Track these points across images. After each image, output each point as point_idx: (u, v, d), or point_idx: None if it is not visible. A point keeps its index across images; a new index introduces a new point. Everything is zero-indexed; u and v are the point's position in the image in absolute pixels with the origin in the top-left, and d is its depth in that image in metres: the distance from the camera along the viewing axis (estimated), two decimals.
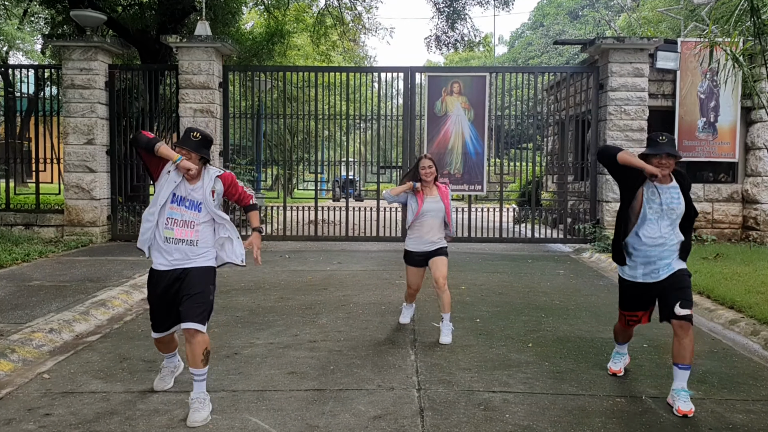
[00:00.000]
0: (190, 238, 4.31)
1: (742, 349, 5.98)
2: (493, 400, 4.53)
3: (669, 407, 4.45)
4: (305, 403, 4.45)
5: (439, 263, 6.09)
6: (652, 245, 4.54)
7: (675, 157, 4.45)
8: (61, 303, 7.12)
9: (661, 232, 4.52)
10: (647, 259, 4.57)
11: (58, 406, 4.43)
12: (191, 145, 4.31)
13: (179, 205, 4.31)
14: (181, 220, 4.31)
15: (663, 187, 4.53)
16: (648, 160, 4.47)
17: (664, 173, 4.46)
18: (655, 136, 4.51)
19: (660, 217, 4.52)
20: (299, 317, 6.90)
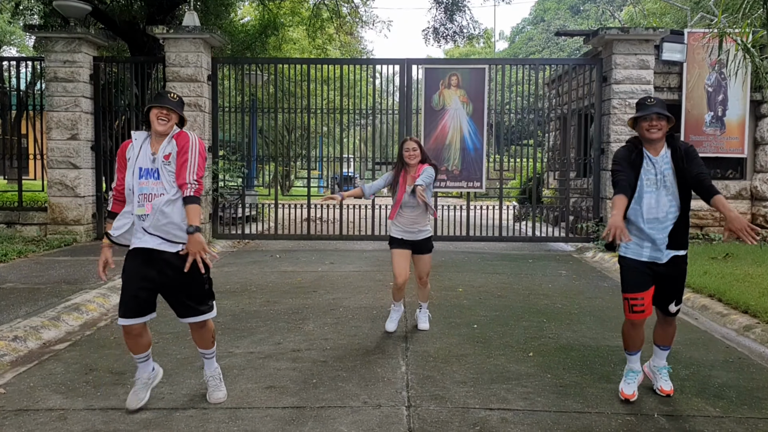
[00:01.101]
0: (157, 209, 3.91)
1: (760, 359, 5.54)
2: (490, 420, 4.09)
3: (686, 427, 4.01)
4: (282, 423, 4.01)
5: (423, 261, 5.97)
6: (652, 219, 4.25)
7: (666, 118, 4.22)
8: (32, 307, 6.69)
9: (660, 205, 4.24)
10: (652, 235, 4.26)
11: (8, 427, 3.99)
12: (171, 104, 4.01)
13: (146, 178, 3.93)
14: (150, 194, 3.93)
15: (656, 157, 4.27)
16: (637, 124, 4.29)
17: (656, 136, 4.23)
18: (643, 100, 4.33)
19: (657, 188, 4.25)
20: (284, 323, 6.46)
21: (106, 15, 13.73)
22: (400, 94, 12.36)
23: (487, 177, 12.36)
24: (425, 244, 5.91)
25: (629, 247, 4.36)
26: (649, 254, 4.30)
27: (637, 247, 4.33)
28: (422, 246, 5.91)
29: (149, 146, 4.01)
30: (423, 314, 6.23)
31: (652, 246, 4.28)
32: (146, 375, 4.29)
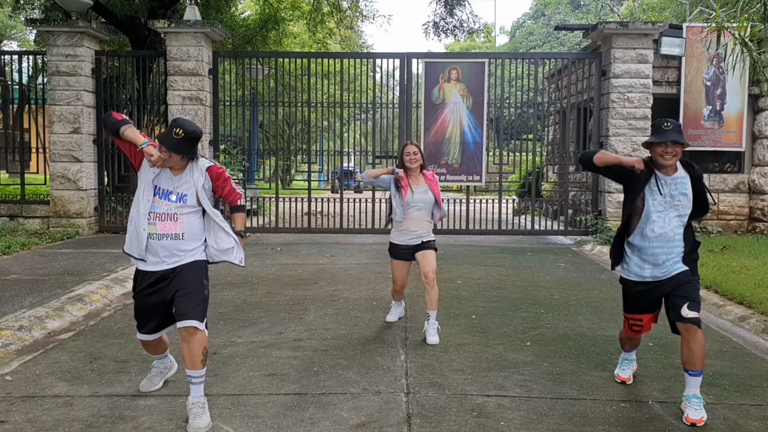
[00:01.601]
0: (175, 232, 3.90)
1: (754, 348, 5.63)
2: (487, 406, 4.18)
3: (679, 413, 4.10)
4: (283, 409, 4.10)
5: (428, 256, 5.69)
6: (659, 241, 4.16)
7: (681, 144, 4.07)
8: (36, 298, 6.77)
9: (668, 227, 4.15)
10: (655, 258, 4.19)
11: (15, 412, 4.08)
12: (170, 144, 3.82)
13: (162, 198, 3.91)
14: (164, 213, 3.90)
15: (667, 178, 4.15)
16: (652, 149, 4.13)
17: (670, 162, 4.09)
18: (660, 123, 4.14)
19: (665, 209, 4.15)
20: (285, 313, 6.55)
21: (108, 9, 13.79)
22: (401, 88, 12.43)
23: (486, 171, 12.44)
24: (428, 244, 5.76)
25: (631, 269, 4.32)
26: (650, 273, 4.22)
27: (638, 268, 4.27)
28: (426, 245, 5.74)
29: (168, 169, 3.96)
30: (432, 326, 5.65)
31: (653, 267, 4.21)
32: (164, 365, 4.49)
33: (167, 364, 4.51)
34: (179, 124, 3.85)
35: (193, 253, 4.01)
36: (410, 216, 5.70)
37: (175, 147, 3.82)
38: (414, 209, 5.68)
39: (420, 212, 5.70)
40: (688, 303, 4.07)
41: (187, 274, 3.97)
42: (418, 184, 5.71)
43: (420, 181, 5.72)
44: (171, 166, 3.95)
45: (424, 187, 5.70)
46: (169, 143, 3.82)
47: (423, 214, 5.72)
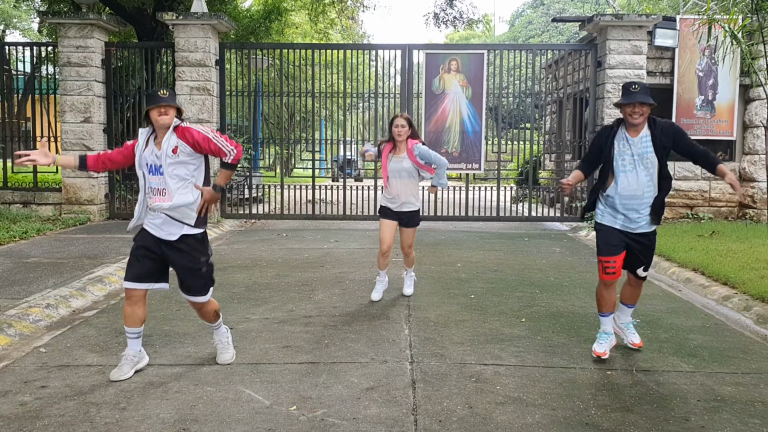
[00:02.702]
0: (163, 203, 4.29)
1: (735, 324, 6.02)
2: (484, 373, 4.58)
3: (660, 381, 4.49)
4: (299, 375, 4.50)
5: (408, 232, 6.47)
6: (629, 196, 4.70)
7: (648, 104, 4.58)
8: (59, 279, 7.16)
9: (638, 183, 4.67)
10: (626, 211, 4.74)
11: (54, 378, 4.47)
12: (165, 100, 4.25)
13: (152, 174, 4.32)
14: (156, 188, 4.32)
15: (634, 138, 4.67)
16: (622, 109, 4.69)
17: (638, 121, 4.62)
18: (628, 85, 4.68)
19: (634, 167, 4.66)
20: (295, 293, 6.94)
21: (115, 1, 14.09)
22: (402, 78, 12.77)
23: (485, 159, 12.81)
24: (411, 218, 6.40)
25: (605, 216, 4.88)
26: (621, 224, 4.80)
27: (611, 218, 4.84)
28: (408, 219, 6.41)
29: (154, 145, 4.33)
30: (408, 278, 6.81)
31: (624, 218, 4.78)
32: (132, 352, 4.52)
33: (137, 352, 4.54)
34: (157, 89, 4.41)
35: (189, 225, 4.34)
36: (392, 183, 6.27)
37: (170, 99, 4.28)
38: (394, 177, 6.24)
39: (401, 180, 6.23)
40: (644, 266, 4.93)
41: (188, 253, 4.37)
42: (399, 154, 6.17)
43: (401, 151, 6.18)
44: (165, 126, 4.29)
45: (402, 156, 6.20)
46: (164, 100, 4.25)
47: (404, 182, 6.24)
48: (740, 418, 3.88)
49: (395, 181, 6.28)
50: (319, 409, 3.94)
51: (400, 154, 6.24)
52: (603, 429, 3.71)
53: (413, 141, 6.28)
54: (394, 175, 6.26)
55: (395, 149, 6.32)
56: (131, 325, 4.47)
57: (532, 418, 3.84)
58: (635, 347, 5.06)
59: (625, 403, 4.10)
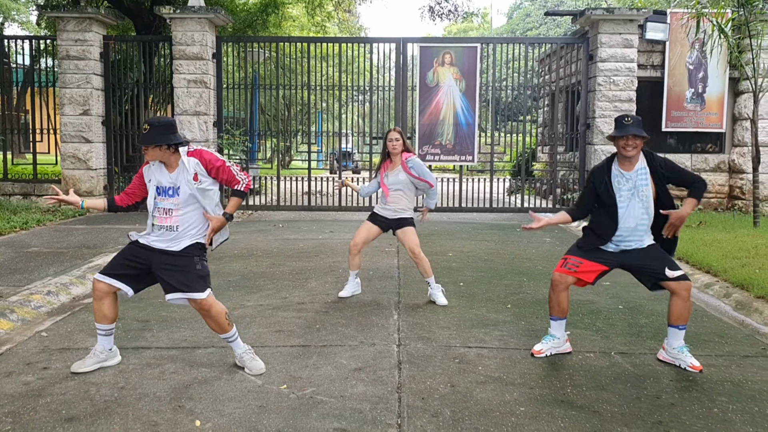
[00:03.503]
0: (170, 224, 4.32)
1: (714, 311, 6.22)
2: (468, 355, 4.78)
3: (636, 362, 4.70)
4: (290, 357, 4.70)
5: (408, 233, 6.27)
6: (625, 229, 4.60)
7: (641, 137, 4.50)
8: (59, 268, 7.35)
9: (633, 216, 4.58)
10: (619, 240, 4.64)
11: (55, 360, 4.67)
12: (144, 140, 4.23)
13: (161, 195, 4.35)
14: (163, 208, 4.34)
15: (629, 173, 4.60)
16: (615, 142, 4.58)
17: (632, 153, 4.52)
18: (621, 118, 4.57)
19: (630, 201, 4.57)
20: (289, 282, 7.14)
21: None
22: (396, 71, 12.94)
23: (478, 151, 13.00)
24: (405, 221, 6.32)
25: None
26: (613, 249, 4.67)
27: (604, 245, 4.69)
28: (402, 222, 6.31)
29: (164, 168, 4.37)
30: (436, 289, 6.31)
31: (614, 247, 4.67)
32: (101, 348, 4.52)
33: (105, 350, 4.53)
34: (145, 121, 4.31)
35: (182, 240, 4.37)
36: (389, 196, 6.31)
37: (146, 139, 4.21)
38: (392, 190, 6.29)
39: (398, 191, 6.28)
40: (668, 264, 4.55)
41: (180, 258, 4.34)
42: (394, 168, 6.28)
43: (396, 165, 6.28)
44: (160, 160, 4.33)
45: (397, 169, 6.27)
46: (143, 140, 4.24)
47: (401, 194, 6.29)
48: (709, 396, 4.08)
49: (393, 194, 6.32)
50: (309, 387, 4.14)
51: (395, 167, 6.34)
52: (577, 406, 3.91)
53: (407, 154, 6.41)
54: (392, 188, 6.32)
55: (391, 164, 6.42)
56: (99, 321, 4.48)
57: (510, 396, 4.04)
58: (696, 370, 4.52)
59: (600, 382, 4.30)
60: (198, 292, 4.31)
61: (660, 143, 12.48)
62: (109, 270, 4.44)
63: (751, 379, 4.40)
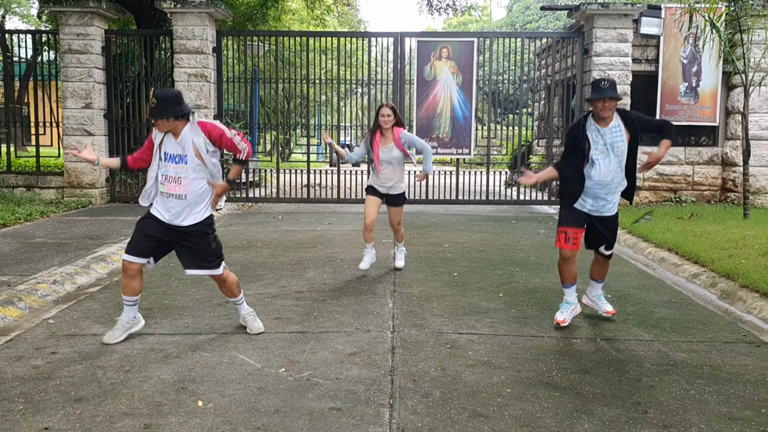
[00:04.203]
0: (179, 193, 4.62)
1: (699, 299, 6.42)
2: (459, 340, 4.98)
3: (620, 347, 4.90)
4: (288, 343, 4.90)
5: (394, 211, 6.93)
6: (601, 183, 5.08)
7: (615, 99, 4.98)
8: (63, 258, 7.55)
9: (610, 170, 5.06)
10: (595, 195, 5.13)
11: (63, 345, 4.87)
12: (153, 114, 4.53)
13: (168, 161, 4.63)
14: (171, 176, 4.63)
15: (605, 129, 5.05)
16: (593, 104, 5.05)
17: (607, 114, 5.01)
18: (598, 82, 5.05)
19: (606, 155, 5.05)
20: (288, 271, 7.34)
21: None
22: (394, 65, 13.11)
23: (475, 144, 13.18)
24: (397, 198, 6.90)
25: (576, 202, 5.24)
26: (589, 208, 5.20)
27: (580, 202, 5.21)
28: (395, 199, 6.91)
29: (171, 134, 4.63)
30: (399, 252, 7.29)
31: (593, 202, 5.18)
32: (127, 318, 4.89)
33: (131, 318, 4.91)
34: (153, 95, 4.66)
35: (196, 213, 4.69)
36: (383, 170, 6.76)
37: (155, 113, 4.53)
38: (383, 166, 6.73)
39: (390, 166, 6.75)
40: (606, 245, 5.38)
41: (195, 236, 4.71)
42: (386, 144, 6.63)
43: (388, 141, 6.62)
44: (170, 131, 4.61)
45: (390, 146, 6.68)
46: (152, 114, 4.56)
47: (393, 168, 6.77)
48: (687, 379, 4.28)
49: (386, 168, 6.74)
50: (306, 371, 4.34)
51: (388, 144, 6.65)
52: (561, 388, 4.11)
53: (399, 129, 6.69)
54: (385, 163, 6.69)
55: (383, 138, 6.70)
56: (128, 294, 4.84)
57: (497, 378, 4.24)
58: (609, 315, 5.52)
59: (584, 366, 4.50)
60: (216, 268, 4.85)
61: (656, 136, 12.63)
62: (135, 249, 4.76)
63: (729, 364, 4.59)
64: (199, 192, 4.70)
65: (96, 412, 3.72)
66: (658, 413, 3.76)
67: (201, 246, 4.77)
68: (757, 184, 12.58)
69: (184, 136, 4.61)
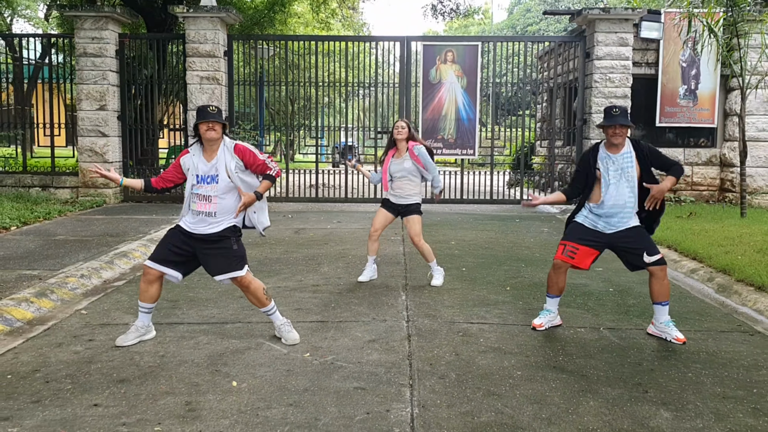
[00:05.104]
0: (208, 210, 4.81)
1: (697, 293, 6.74)
2: (470, 329, 5.30)
3: (623, 336, 5.22)
4: (310, 331, 5.22)
5: (412, 222, 6.73)
6: (614, 206, 5.13)
7: (627, 126, 5.11)
8: (87, 254, 7.87)
9: (622, 194, 5.12)
10: (608, 217, 5.17)
11: (98, 333, 5.19)
12: (212, 116, 4.76)
13: (200, 183, 4.84)
14: (202, 195, 4.82)
15: (615, 155, 5.16)
16: (604, 130, 5.17)
17: (619, 141, 5.12)
18: (609, 109, 5.17)
19: (618, 180, 5.13)
20: (303, 266, 7.66)
21: None
22: (400, 68, 13.45)
23: (479, 145, 13.52)
24: (410, 208, 6.78)
25: (585, 220, 5.31)
26: (602, 227, 5.21)
27: (592, 222, 5.26)
28: (408, 209, 6.77)
29: (202, 156, 4.89)
30: (436, 271, 6.86)
31: (605, 225, 5.21)
32: (141, 324, 5.01)
33: (145, 325, 5.01)
34: (207, 105, 4.87)
35: (221, 222, 4.87)
36: (394, 183, 6.77)
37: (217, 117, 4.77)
38: (395, 178, 6.74)
39: (403, 178, 6.71)
40: (646, 250, 5.08)
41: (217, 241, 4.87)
42: (399, 156, 6.73)
43: (402, 153, 6.73)
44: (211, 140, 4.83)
45: (403, 158, 6.70)
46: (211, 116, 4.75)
47: (406, 181, 6.71)
48: (685, 364, 4.60)
49: (397, 181, 6.76)
50: (329, 355, 4.66)
51: (401, 155, 6.79)
52: (567, 371, 4.43)
53: (413, 142, 6.86)
54: (396, 176, 6.74)
55: (397, 152, 6.88)
56: (144, 300, 4.94)
57: (508, 362, 4.57)
58: (680, 342, 5.05)
59: (589, 352, 4.82)
60: (238, 270, 4.88)
61: (657, 138, 12.99)
62: (159, 257, 4.89)
63: (724, 350, 4.92)
64: (227, 207, 4.88)
65: (139, 391, 4.04)
66: (658, 392, 4.08)
67: (223, 249, 4.87)
68: (754, 184, 12.91)
69: (218, 159, 4.83)
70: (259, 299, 4.96)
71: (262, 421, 3.63)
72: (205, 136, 4.83)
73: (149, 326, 5.11)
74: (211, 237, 4.86)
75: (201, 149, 4.92)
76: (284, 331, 4.99)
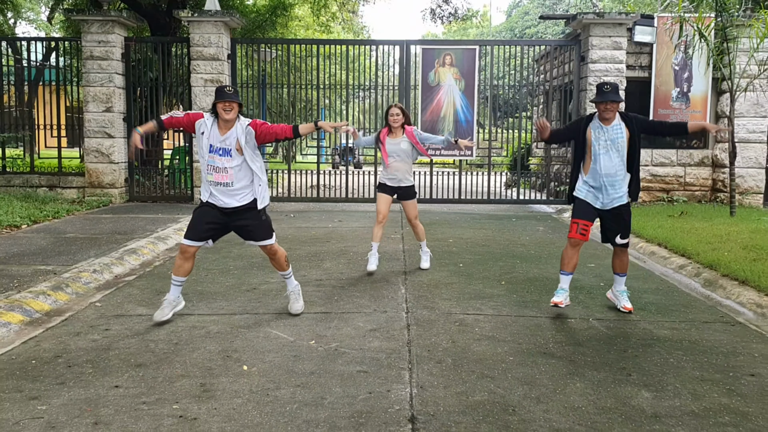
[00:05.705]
0: (225, 181, 5.30)
1: (684, 287, 7.04)
2: (466, 320, 5.60)
3: (610, 326, 5.52)
4: (315, 321, 5.52)
5: (411, 206, 7.39)
6: (605, 175, 5.63)
7: (617, 102, 5.61)
8: (98, 251, 8.15)
9: (612, 163, 5.63)
10: (602, 187, 5.67)
11: (113, 324, 5.48)
12: (230, 96, 5.17)
13: (213, 153, 5.29)
14: (219, 167, 5.28)
15: (607, 127, 5.66)
16: (597, 106, 5.68)
17: (610, 116, 5.64)
18: (601, 86, 5.68)
19: (608, 150, 5.64)
20: (306, 262, 7.95)
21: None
22: (400, 71, 13.75)
23: (477, 146, 13.81)
24: (408, 191, 7.35)
25: (587, 196, 5.78)
26: (600, 203, 5.74)
27: (593, 197, 5.76)
28: (406, 193, 7.34)
29: (217, 129, 5.30)
30: (424, 253, 7.62)
31: (604, 196, 5.71)
32: (173, 297, 5.51)
33: (176, 297, 5.51)
34: (225, 85, 5.41)
35: (243, 195, 5.36)
36: (392, 164, 7.25)
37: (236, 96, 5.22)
38: (393, 158, 7.23)
39: (399, 159, 7.22)
40: (620, 234, 5.80)
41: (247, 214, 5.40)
42: (395, 137, 7.15)
43: (398, 135, 7.17)
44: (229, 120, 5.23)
45: (400, 139, 7.19)
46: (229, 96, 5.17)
47: (402, 162, 7.24)
48: (668, 351, 4.90)
49: (394, 161, 7.26)
50: (333, 343, 4.96)
51: (397, 137, 7.21)
52: (557, 356, 4.72)
53: (410, 127, 7.27)
54: (393, 155, 7.24)
55: (391, 133, 7.29)
56: (179, 274, 5.45)
57: (501, 349, 4.86)
58: (626, 311, 5.87)
59: (577, 340, 5.12)
60: (269, 239, 5.56)
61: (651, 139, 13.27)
62: (195, 235, 5.38)
63: (706, 339, 5.21)
64: (243, 177, 5.33)
65: (156, 374, 4.33)
66: (640, 376, 4.38)
67: (253, 220, 5.42)
68: (745, 184, 13.22)
69: (231, 133, 5.26)
70: (281, 265, 5.67)
71: (273, 400, 3.93)
72: (222, 115, 5.25)
73: (179, 298, 5.61)
74: (241, 209, 5.35)
75: (216, 122, 5.33)
76: (292, 298, 5.72)
